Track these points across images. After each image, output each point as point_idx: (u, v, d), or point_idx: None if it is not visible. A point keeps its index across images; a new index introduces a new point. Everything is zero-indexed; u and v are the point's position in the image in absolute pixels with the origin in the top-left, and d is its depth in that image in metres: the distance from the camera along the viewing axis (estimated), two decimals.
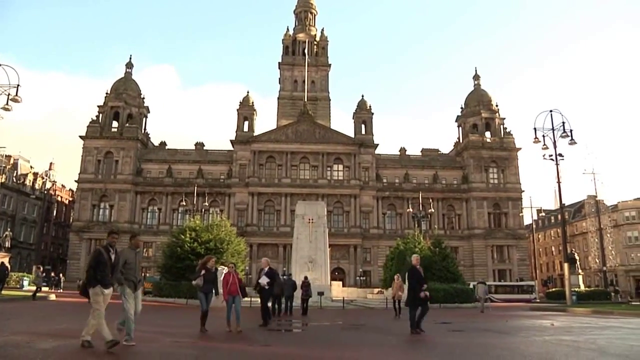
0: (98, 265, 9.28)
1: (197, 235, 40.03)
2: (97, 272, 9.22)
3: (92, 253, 9.67)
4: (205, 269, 14.14)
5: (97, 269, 9.25)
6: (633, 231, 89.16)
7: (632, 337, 13.46)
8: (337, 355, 8.31)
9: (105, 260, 9.34)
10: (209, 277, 14.06)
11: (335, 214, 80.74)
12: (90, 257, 9.42)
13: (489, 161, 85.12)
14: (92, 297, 9.21)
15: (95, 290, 9.21)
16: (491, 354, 10.27)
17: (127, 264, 10.11)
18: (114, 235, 10.08)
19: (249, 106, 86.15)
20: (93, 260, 9.39)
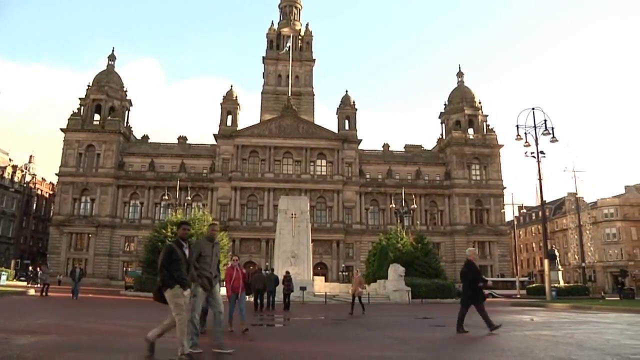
0: (172, 263, 8.14)
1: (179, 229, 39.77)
2: (172, 272, 8.05)
3: (163, 250, 8.32)
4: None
5: (171, 268, 8.10)
6: (611, 228, 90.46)
7: (608, 332, 13.65)
8: (319, 350, 8.31)
9: (179, 257, 8.20)
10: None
11: (318, 209, 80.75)
12: (161, 256, 8.24)
13: (471, 158, 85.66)
14: (172, 300, 7.97)
15: (174, 292, 7.98)
16: (471, 348, 10.33)
17: (201, 256, 8.80)
18: (186, 226, 8.82)
19: (233, 100, 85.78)
20: (165, 258, 8.21)
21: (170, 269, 8.04)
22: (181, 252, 8.23)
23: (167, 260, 8.12)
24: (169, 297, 7.98)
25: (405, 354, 9.47)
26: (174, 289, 7.94)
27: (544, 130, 30.96)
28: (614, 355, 8.86)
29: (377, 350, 9.68)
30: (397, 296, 35.39)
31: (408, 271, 37.27)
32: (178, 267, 8.09)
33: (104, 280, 71.09)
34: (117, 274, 74.23)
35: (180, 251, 8.23)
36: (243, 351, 9.42)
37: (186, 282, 8.18)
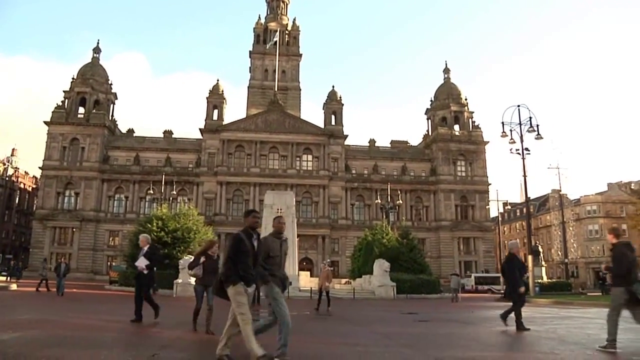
0: (239, 255, 7.18)
1: (164, 224, 39.63)
2: (238, 265, 7.15)
3: (230, 240, 7.36)
4: (205, 255, 11.48)
5: (238, 261, 7.16)
6: (594, 225, 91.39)
7: (589, 326, 13.86)
8: (305, 346, 8.32)
9: (247, 249, 7.21)
10: (211, 266, 11.31)
11: (304, 204, 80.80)
12: (228, 246, 7.31)
13: (457, 154, 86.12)
14: (234, 297, 7.11)
15: (237, 289, 7.09)
16: (456, 343, 10.41)
17: (270, 257, 7.60)
18: (256, 214, 7.68)
19: (219, 95, 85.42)
20: (232, 249, 7.22)
21: (237, 263, 7.15)
22: (250, 243, 7.28)
23: (233, 251, 7.20)
24: (231, 294, 7.15)
25: (390, 349, 9.52)
26: (236, 286, 7.09)
27: (529, 128, 31.20)
28: (594, 350, 8.99)
29: (362, 346, 9.72)
30: (382, 291, 35.51)
31: (393, 267, 37.39)
32: (244, 261, 7.18)
33: (88, 275, 70.61)
34: (102, 269, 73.79)
35: (249, 243, 7.27)
36: (234, 349, 9.41)
37: (251, 278, 7.25)
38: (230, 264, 7.18)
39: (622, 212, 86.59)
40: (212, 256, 11.48)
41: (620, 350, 8.97)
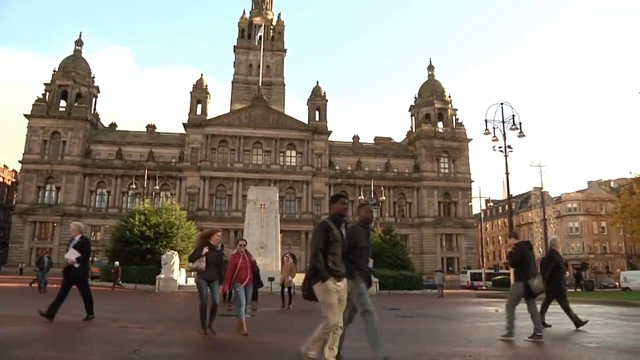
0: (328, 246, 6.22)
1: (146, 218, 39.37)
2: (327, 257, 6.20)
3: (317, 229, 6.39)
4: (208, 245, 10.14)
5: (327, 253, 6.21)
6: (574, 222, 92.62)
7: (569, 322, 14.01)
8: (288, 341, 8.33)
9: (337, 238, 6.27)
10: (214, 258, 10.07)
11: (288, 200, 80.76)
12: (315, 235, 6.34)
13: (440, 151, 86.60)
14: (323, 296, 6.16)
15: (327, 286, 6.14)
16: (438, 339, 10.47)
17: (356, 248, 6.68)
18: (344, 201, 6.72)
19: (203, 89, 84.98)
20: (321, 238, 6.24)
21: (326, 254, 6.21)
22: (339, 232, 6.34)
23: (322, 241, 6.21)
24: (318, 292, 6.20)
25: None
26: (327, 282, 6.14)
27: (511, 126, 31.43)
28: (573, 344, 9.12)
29: (346, 341, 9.73)
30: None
31: (376, 262, 37.42)
32: (334, 252, 6.24)
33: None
34: None
35: (338, 231, 6.34)
36: (211, 343, 9.39)
37: (341, 272, 6.32)
38: (319, 257, 6.18)
39: (602, 210, 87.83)
40: (216, 246, 10.24)
41: (598, 345, 9.09)
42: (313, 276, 6.20)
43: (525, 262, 10.25)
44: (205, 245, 10.06)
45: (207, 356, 7.90)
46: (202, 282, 9.93)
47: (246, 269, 10.47)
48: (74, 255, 11.25)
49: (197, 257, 9.88)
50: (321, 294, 6.14)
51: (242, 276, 10.33)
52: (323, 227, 6.31)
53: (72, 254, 11.26)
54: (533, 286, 10.03)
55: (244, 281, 10.34)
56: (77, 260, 11.26)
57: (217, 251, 10.15)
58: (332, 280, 6.12)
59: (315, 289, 6.19)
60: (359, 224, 6.93)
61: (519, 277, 10.31)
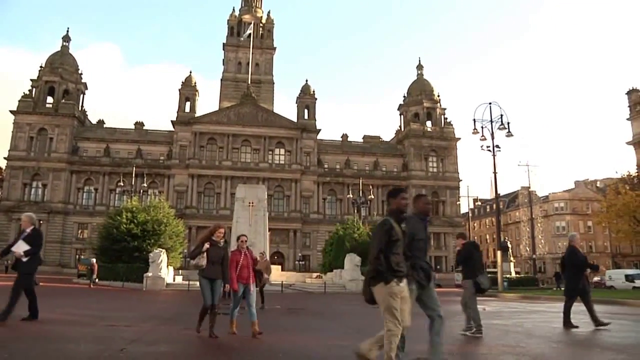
0: (390, 245, 5.76)
1: (133, 216, 39.18)
2: (390, 258, 5.73)
3: (378, 227, 5.95)
4: (210, 241, 9.45)
5: (389, 252, 5.75)
6: (561, 221, 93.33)
7: (555, 320, 14.12)
8: (277, 340, 8.33)
9: (399, 236, 5.83)
10: (217, 255, 9.37)
11: (276, 198, 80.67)
12: (376, 234, 5.92)
13: (428, 150, 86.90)
14: (385, 299, 5.71)
15: (390, 289, 5.67)
16: (425, 337, 10.49)
17: (414, 241, 6.27)
18: (405, 196, 6.20)
19: (191, 87, 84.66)
20: (383, 237, 5.79)
21: (388, 254, 5.74)
22: (400, 230, 5.90)
23: (384, 241, 5.77)
24: (381, 295, 5.75)
25: (360, 343, 9.56)
26: (389, 285, 5.67)
27: (499, 125, 31.64)
28: (558, 342, 9.20)
29: (334, 340, 9.76)
30: (353, 286, 35.63)
31: (364, 261, 37.51)
32: (396, 251, 5.79)
33: (56, 268, 69.33)
34: (70, 262, 72.58)
35: (399, 229, 5.89)
36: (198, 342, 9.37)
37: (404, 272, 5.85)
38: (381, 257, 5.73)
39: (588, 209, 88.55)
40: (218, 242, 9.49)
41: (583, 343, 9.16)
42: (375, 277, 5.78)
43: (472, 261, 10.87)
44: (207, 241, 9.39)
45: (195, 354, 7.88)
46: (204, 281, 9.28)
47: (248, 267, 9.83)
48: (22, 249, 10.09)
49: (198, 253, 9.24)
50: (383, 298, 5.70)
51: (243, 274, 9.71)
52: (385, 226, 5.85)
53: (21, 247, 10.10)
54: (482, 282, 10.54)
55: (245, 280, 9.74)
56: (25, 254, 10.10)
57: (219, 247, 9.44)
58: (395, 282, 5.69)
59: (376, 292, 5.79)
60: (417, 215, 6.58)
61: (468, 275, 10.85)
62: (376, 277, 5.75)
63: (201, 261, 9.14)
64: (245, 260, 9.79)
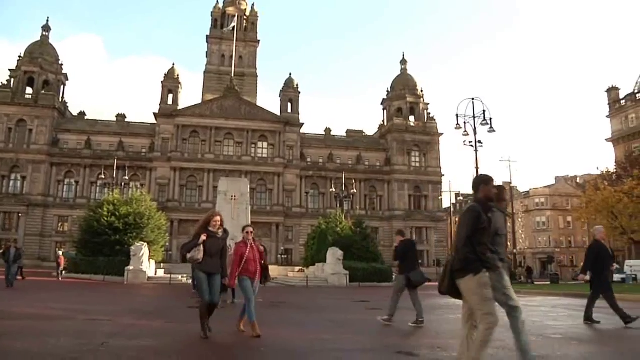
0: (477, 234, 5.39)
1: (115, 209, 38.90)
2: (478, 247, 5.36)
3: (467, 213, 5.53)
4: (207, 232, 8.62)
5: (476, 241, 5.37)
6: (541, 217, 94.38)
7: (534, 314, 14.35)
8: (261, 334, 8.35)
9: (485, 225, 5.45)
10: (214, 246, 8.58)
11: (259, 192, 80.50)
12: (465, 221, 5.47)
13: (411, 145, 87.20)
14: (477, 291, 5.27)
15: (481, 279, 5.27)
16: (405, 331, 10.58)
17: (497, 235, 5.92)
18: (493, 183, 5.95)
19: (174, 79, 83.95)
20: (471, 225, 5.39)
21: (475, 243, 5.35)
22: (487, 219, 5.52)
23: (471, 229, 5.36)
24: (471, 287, 5.30)
25: (341, 337, 9.63)
26: (479, 275, 5.26)
27: (482, 121, 31.82)
28: (538, 336, 9.30)
29: (315, 333, 9.80)
30: (335, 279, 35.80)
31: (346, 255, 37.72)
32: (483, 241, 5.42)
33: (35, 262, 68.49)
34: (50, 256, 71.60)
35: (487, 219, 5.51)
36: (181, 334, 9.35)
37: (492, 263, 5.49)
38: (469, 246, 5.34)
39: (568, 205, 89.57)
40: (215, 233, 8.65)
41: (562, 336, 9.30)
42: (462, 269, 5.33)
43: (408, 258, 11.49)
44: (203, 231, 8.55)
45: (176, 348, 7.86)
46: (201, 275, 8.44)
47: (255, 260, 9.00)
48: None
49: (193, 246, 8.41)
50: (475, 289, 5.26)
51: (250, 268, 8.88)
52: (474, 212, 5.47)
53: None
54: (413, 278, 11.22)
55: (252, 274, 8.90)
56: None
57: (217, 238, 8.60)
58: (485, 272, 5.30)
59: (464, 284, 5.32)
60: (497, 207, 6.01)
61: (402, 271, 11.51)
62: (464, 269, 5.31)
63: (197, 254, 8.35)
64: (252, 253, 9.01)
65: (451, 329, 10.88)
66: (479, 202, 5.64)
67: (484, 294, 5.23)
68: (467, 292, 5.33)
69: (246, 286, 8.88)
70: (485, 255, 5.36)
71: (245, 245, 9.06)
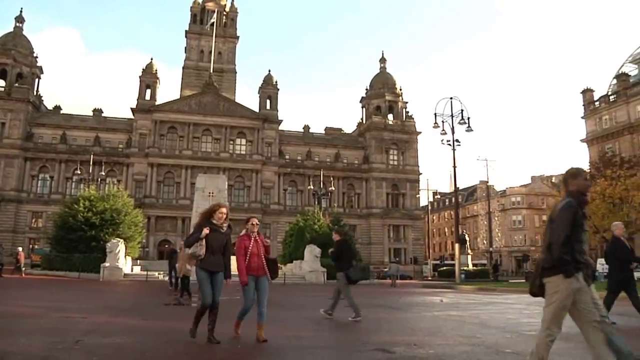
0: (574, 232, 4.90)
1: (91, 205, 38.44)
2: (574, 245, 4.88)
3: (564, 209, 4.97)
4: (210, 225, 7.72)
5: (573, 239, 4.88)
6: (517, 215, 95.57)
7: (509, 311, 14.54)
8: (230, 331, 8.28)
9: (581, 223, 4.97)
10: (218, 241, 7.76)
11: (237, 189, 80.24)
12: (562, 216, 4.93)
13: (389, 143, 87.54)
14: (559, 297, 4.80)
15: (571, 285, 4.76)
16: (383, 328, 10.63)
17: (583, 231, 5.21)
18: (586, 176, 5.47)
19: (152, 74, 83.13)
20: (569, 223, 4.89)
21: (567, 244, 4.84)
22: (582, 215, 5.00)
23: (568, 227, 4.87)
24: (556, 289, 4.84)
25: (318, 334, 9.63)
26: (570, 279, 4.77)
27: (460, 120, 32.13)
28: (512, 333, 9.42)
29: (292, 331, 9.78)
30: (312, 277, 35.86)
31: (324, 252, 37.73)
32: (579, 239, 4.94)
33: (8, 259, 67.04)
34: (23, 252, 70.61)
35: (582, 215, 5.01)
36: (156, 332, 9.26)
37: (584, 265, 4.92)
38: (566, 246, 4.83)
39: (544, 204, 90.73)
40: (220, 226, 7.82)
41: (535, 333, 9.40)
42: (553, 267, 4.85)
43: (344, 256, 12.16)
44: (206, 224, 7.67)
45: (152, 345, 7.79)
46: (203, 274, 7.61)
47: (258, 255, 8.06)
48: None
49: (195, 240, 7.57)
50: (558, 293, 4.80)
51: (252, 264, 7.95)
52: (571, 209, 4.94)
53: None
54: (352, 275, 11.93)
55: (254, 270, 7.97)
56: None
57: (221, 233, 7.77)
58: (576, 276, 4.79)
59: (551, 284, 4.87)
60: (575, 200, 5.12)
61: (340, 269, 12.11)
62: (555, 267, 4.84)
63: (199, 250, 7.54)
64: (256, 247, 8.06)
65: (427, 325, 10.96)
66: (572, 196, 5.11)
67: (564, 301, 4.77)
68: (549, 292, 4.89)
69: (246, 286, 7.95)
70: (581, 255, 4.90)
71: (249, 238, 8.11)
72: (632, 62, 71.56)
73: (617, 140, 64.32)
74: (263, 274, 8.06)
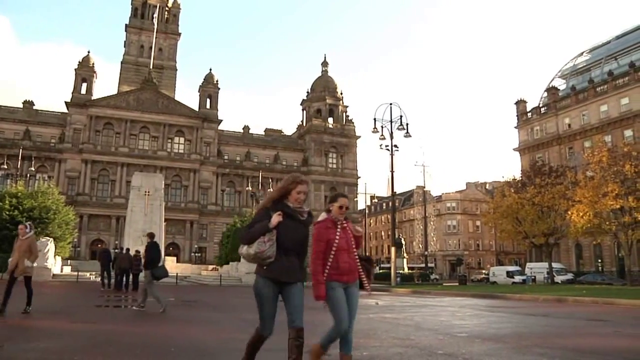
0: None
1: (18, 202, 36.88)
2: None
3: None
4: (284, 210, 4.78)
5: None
6: (452, 220, 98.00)
7: (442, 314, 14.87)
8: (167, 333, 8.11)
9: None
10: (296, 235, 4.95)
11: (174, 188, 78.94)
12: None
13: (329, 146, 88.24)
14: None
15: None
16: (318, 331, 10.64)
17: None
18: None
19: (89, 67, 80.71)
20: None
21: None
22: None
23: None
24: None
25: None
26: None
27: (399, 125, 32.67)
28: (445, 334, 9.62)
29: (227, 332, 9.67)
30: (249, 279, 35.49)
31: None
32: None
33: None
34: None
35: None
36: (84, 335, 8.96)
37: None
38: None
39: (477, 210, 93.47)
40: (299, 213, 5.00)
41: (467, 335, 9.66)
42: None
43: (151, 257, 13.83)
44: (276, 209, 4.78)
45: (81, 349, 7.51)
46: (267, 287, 4.94)
47: (349, 251, 5.21)
48: None
49: (259, 233, 4.64)
50: None
51: (340, 265, 5.10)
52: None
53: None
54: (156, 273, 13.49)
55: (345, 274, 5.14)
56: None
57: (299, 222, 4.98)
58: None
59: None
60: None
61: (147, 267, 13.77)
62: None
63: (269, 248, 4.66)
64: (345, 240, 5.24)
65: (363, 327, 11.05)
66: None
67: None
68: None
69: (337, 299, 5.18)
70: None
71: (334, 227, 5.25)
72: (561, 77, 74.98)
73: (547, 150, 67.24)
74: (355, 280, 5.29)
